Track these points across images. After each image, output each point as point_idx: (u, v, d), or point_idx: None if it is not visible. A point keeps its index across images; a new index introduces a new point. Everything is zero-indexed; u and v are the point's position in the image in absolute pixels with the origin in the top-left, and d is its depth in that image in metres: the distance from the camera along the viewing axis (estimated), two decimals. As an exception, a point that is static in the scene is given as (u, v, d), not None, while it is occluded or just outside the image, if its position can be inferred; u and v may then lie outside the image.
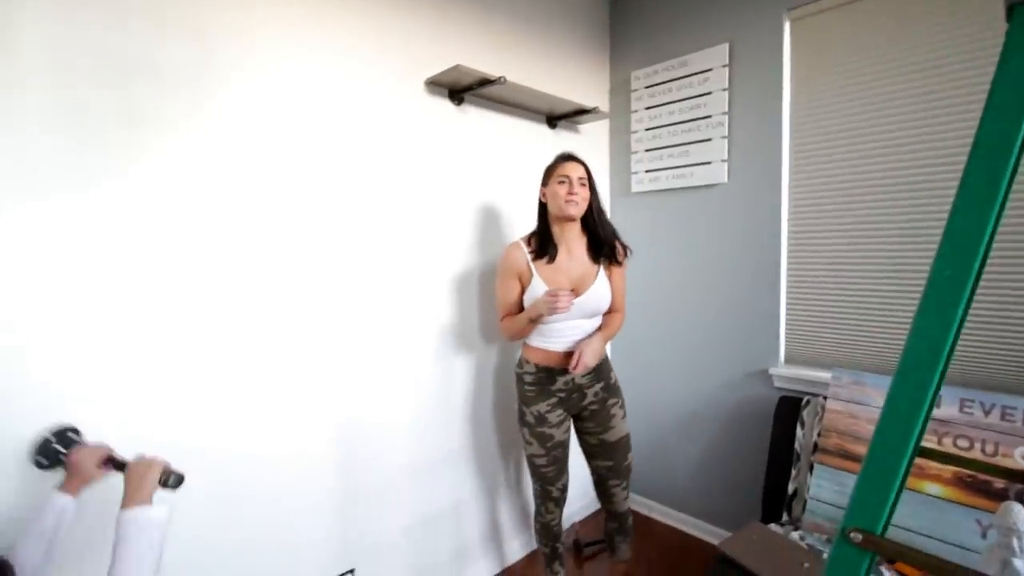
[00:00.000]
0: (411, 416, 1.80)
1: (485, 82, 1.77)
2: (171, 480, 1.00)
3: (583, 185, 1.62)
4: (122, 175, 1.19)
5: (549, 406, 1.68)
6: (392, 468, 1.75)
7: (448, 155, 1.87)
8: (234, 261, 1.37)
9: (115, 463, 1.03)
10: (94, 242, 1.16)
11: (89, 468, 1.00)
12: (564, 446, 1.73)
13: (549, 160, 2.21)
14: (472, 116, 1.94)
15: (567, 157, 1.66)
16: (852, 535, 0.66)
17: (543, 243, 1.66)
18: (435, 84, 1.79)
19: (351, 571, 1.63)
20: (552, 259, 1.64)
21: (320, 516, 1.56)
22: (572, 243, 1.67)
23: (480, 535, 2.07)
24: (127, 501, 0.92)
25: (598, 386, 1.69)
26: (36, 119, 1.07)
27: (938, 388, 0.81)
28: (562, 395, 1.67)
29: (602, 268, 1.67)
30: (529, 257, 1.66)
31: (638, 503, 2.55)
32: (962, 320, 0.75)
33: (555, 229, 1.67)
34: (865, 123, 1.80)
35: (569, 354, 1.62)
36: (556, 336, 1.65)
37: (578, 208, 1.61)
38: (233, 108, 1.36)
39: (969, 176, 0.62)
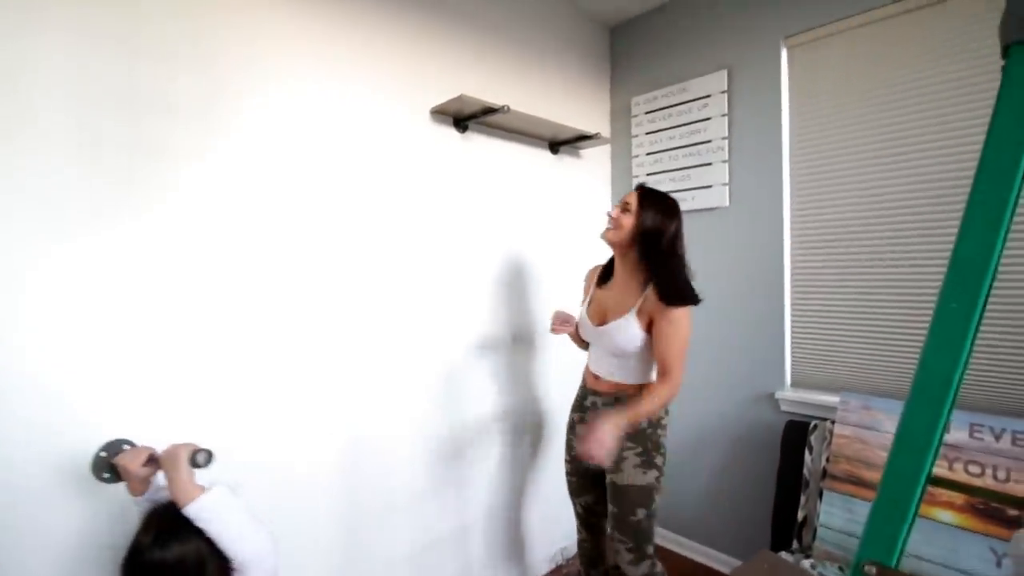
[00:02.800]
0: (419, 436, 1.79)
1: (488, 111, 1.80)
2: (200, 459, 1.03)
3: (624, 210, 1.52)
4: (135, 206, 1.21)
5: (580, 419, 1.70)
6: (398, 488, 1.73)
7: (453, 181, 1.89)
8: (245, 284, 1.38)
9: (155, 460, 1.06)
10: (108, 268, 1.17)
11: (135, 470, 1.03)
12: (586, 467, 1.62)
13: (551, 185, 2.28)
14: (476, 143, 1.97)
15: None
16: (867, 568, 0.65)
17: (605, 268, 1.70)
18: (440, 113, 1.82)
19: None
20: (602, 285, 1.67)
21: (321, 536, 1.54)
22: (627, 274, 1.57)
23: (487, 558, 2.04)
24: (177, 498, 0.95)
25: None
26: (52, 150, 1.10)
27: (948, 418, 0.81)
28: (588, 417, 1.64)
29: (637, 307, 1.51)
30: (596, 278, 1.71)
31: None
32: (970, 350, 0.75)
33: (616, 256, 1.62)
34: (864, 145, 1.83)
35: (595, 377, 1.65)
36: (591, 357, 1.69)
37: (612, 233, 1.53)
38: (244, 138, 1.38)
39: (972, 209, 0.63)
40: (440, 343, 1.86)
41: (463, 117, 1.88)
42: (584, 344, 1.75)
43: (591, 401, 1.66)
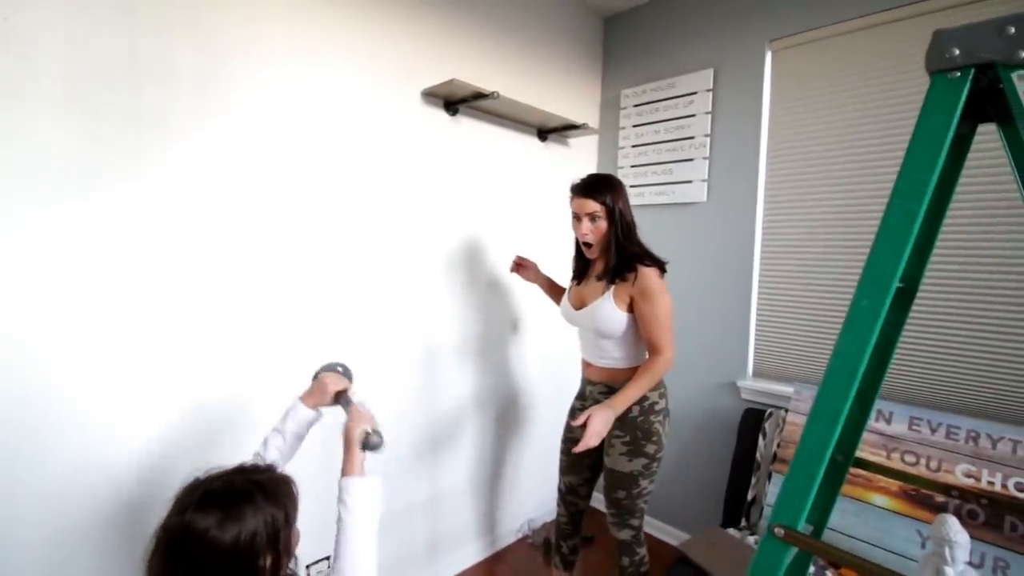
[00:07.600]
0: (397, 407, 1.87)
1: (479, 96, 1.84)
2: (370, 443, 1.07)
3: (594, 220, 1.56)
4: (131, 176, 1.25)
5: (580, 406, 1.75)
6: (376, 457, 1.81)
7: (441, 163, 1.94)
8: (235, 260, 1.43)
9: (342, 400, 1.17)
10: (102, 241, 1.21)
11: (326, 392, 1.17)
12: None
13: (538, 171, 2.34)
14: (465, 127, 2.02)
15: (577, 190, 1.59)
16: (776, 530, 0.74)
17: (576, 265, 1.75)
18: (431, 95, 1.87)
19: (327, 558, 1.69)
20: (578, 279, 1.73)
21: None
22: (597, 265, 1.66)
23: (458, 527, 2.14)
24: (344, 466, 1.03)
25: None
26: (49, 119, 1.13)
27: (868, 403, 0.90)
28: (587, 404, 1.68)
29: (612, 289, 1.57)
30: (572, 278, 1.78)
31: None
32: (887, 343, 0.84)
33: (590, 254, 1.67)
34: (838, 150, 1.91)
35: (587, 364, 1.70)
36: (581, 345, 1.73)
37: (597, 247, 1.60)
38: (239, 115, 1.42)
39: (887, 220, 0.72)
40: (421, 324, 1.93)
41: (454, 100, 1.92)
42: (553, 292, 1.96)
43: (588, 390, 1.71)
